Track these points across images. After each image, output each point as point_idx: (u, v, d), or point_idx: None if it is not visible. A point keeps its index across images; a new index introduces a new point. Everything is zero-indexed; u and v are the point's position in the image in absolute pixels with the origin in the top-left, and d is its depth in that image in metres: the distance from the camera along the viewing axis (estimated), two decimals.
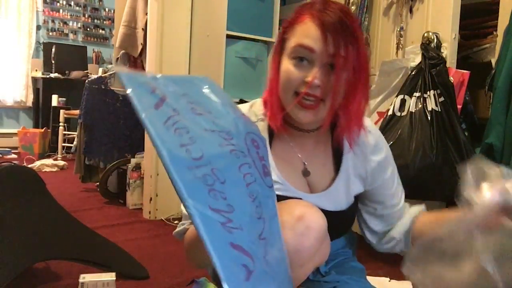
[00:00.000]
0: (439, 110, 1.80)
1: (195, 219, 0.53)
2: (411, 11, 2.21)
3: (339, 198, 0.94)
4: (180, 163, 0.55)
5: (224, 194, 0.58)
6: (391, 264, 1.80)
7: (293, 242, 0.75)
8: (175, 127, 0.57)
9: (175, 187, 0.54)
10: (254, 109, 0.96)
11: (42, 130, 4.81)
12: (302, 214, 0.77)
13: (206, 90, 0.69)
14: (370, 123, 0.97)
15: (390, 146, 1.83)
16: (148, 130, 0.55)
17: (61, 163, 4.16)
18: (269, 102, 0.90)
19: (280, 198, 0.88)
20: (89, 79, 3.08)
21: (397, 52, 2.26)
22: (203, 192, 0.56)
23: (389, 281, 1.69)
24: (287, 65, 0.84)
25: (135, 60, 2.90)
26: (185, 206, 0.54)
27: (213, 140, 0.61)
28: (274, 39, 2.40)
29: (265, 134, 0.91)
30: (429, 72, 1.85)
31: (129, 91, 0.56)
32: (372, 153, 0.95)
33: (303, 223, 0.76)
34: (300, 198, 0.89)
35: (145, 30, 2.71)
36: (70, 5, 5.81)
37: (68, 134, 4.68)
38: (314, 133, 0.92)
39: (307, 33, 0.81)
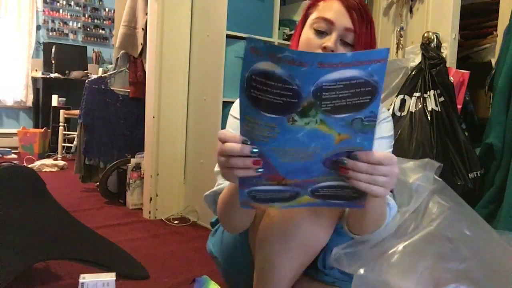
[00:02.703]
0: (439, 110, 1.80)
1: None
2: (411, 11, 2.21)
3: None
4: None
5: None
6: None
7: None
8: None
9: None
10: None
11: (42, 130, 4.81)
12: None
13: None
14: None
15: None
16: None
17: (61, 163, 4.15)
18: None
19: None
20: (89, 79, 3.08)
21: (397, 52, 2.26)
22: None
23: None
24: (307, 34, 0.92)
25: (135, 60, 2.90)
26: None
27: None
28: (274, 39, 2.40)
29: None
30: (429, 72, 1.85)
31: None
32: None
33: None
34: None
35: (145, 30, 2.71)
36: (70, 5, 5.81)
37: (68, 134, 4.67)
38: None
39: (329, 7, 0.90)
